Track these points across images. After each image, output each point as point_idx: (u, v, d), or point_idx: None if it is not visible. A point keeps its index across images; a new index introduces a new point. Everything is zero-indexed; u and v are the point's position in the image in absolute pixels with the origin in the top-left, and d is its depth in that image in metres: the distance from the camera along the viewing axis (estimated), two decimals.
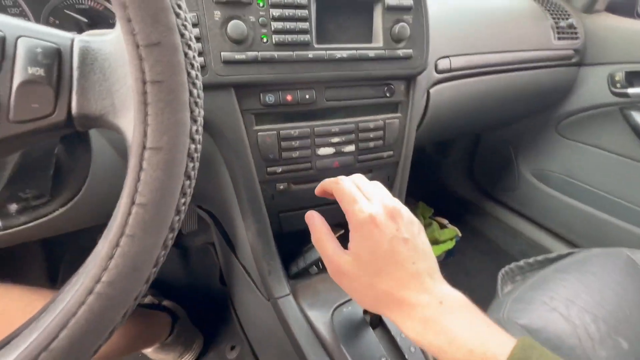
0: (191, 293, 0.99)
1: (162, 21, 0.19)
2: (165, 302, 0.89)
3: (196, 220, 1.06)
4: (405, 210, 0.33)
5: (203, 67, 0.41)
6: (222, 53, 0.41)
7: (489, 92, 0.75)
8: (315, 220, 0.37)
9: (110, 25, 0.48)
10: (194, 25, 0.40)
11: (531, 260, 0.78)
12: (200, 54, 0.41)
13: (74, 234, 1.04)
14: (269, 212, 0.53)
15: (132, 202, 0.20)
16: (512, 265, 0.77)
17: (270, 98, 0.46)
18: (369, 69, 0.49)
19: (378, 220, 0.31)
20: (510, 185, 1.18)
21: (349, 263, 0.32)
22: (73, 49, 0.21)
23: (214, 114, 0.44)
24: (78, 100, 0.21)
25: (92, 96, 0.21)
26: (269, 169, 0.50)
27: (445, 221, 1.17)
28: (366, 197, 0.34)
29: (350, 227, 0.33)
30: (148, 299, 0.87)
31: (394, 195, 0.64)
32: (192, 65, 0.21)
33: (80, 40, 0.21)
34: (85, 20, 0.48)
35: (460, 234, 1.13)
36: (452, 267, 1.14)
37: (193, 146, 0.22)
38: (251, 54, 0.42)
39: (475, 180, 1.34)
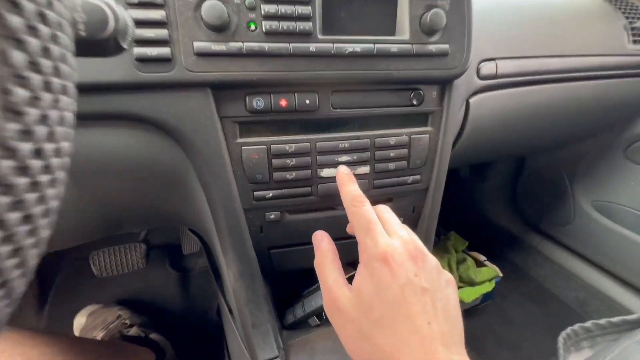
0: (185, 324, 0.89)
1: None
2: (153, 335, 0.79)
3: (198, 240, 0.97)
4: (431, 257, 0.29)
5: (169, 60, 0.32)
6: (194, 43, 0.32)
7: (544, 105, 0.60)
8: (323, 242, 0.33)
9: None
10: (159, 5, 0.31)
11: (603, 321, 0.60)
12: (165, 43, 0.31)
13: (69, 254, 0.98)
14: (256, 248, 0.42)
15: None
16: (577, 327, 0.60)
17: (258, 103, 0.36)
18: (391, 69, 0.37)
19: (391, 258, 0.27)
20: (564, 218, 0.99)
21: (348, 299, 0.27)
22: None
23: (184, 121, 0.34)
24: None
25: None
26: (256, 194, 0.39)
27: (482, 257, 0.99)
28: (386, 229, 0.29)
29: (360, 259, 0.29)
30: (133, 331, 0.78)
31: (421, 232, 0.51)
32: (17, 4, 0.11)
33: None
34: None
35: (500, 274, 0.95)
36: (490, 314, 0.95)
37: (8, 164, 0.11)
38: (234, 44, 0.32)
39: (519, 210, 1.15)
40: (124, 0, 0.30)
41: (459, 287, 0.90)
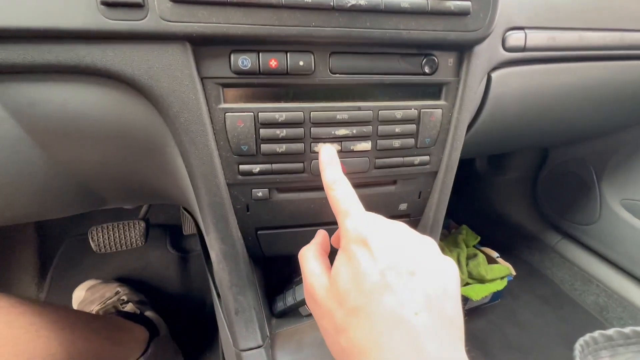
0: (181, 305, 0.87)
1: None
2: (148, 313, 0.77)
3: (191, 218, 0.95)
4: (427, 238, 0.25)
5: (141, 6, 0.27)
6: None
7: (580, 86, 0.53)
8: (318, 235, 0.32)
9: None
10: None
11: (627, 330, 0.54)
12: None
13: (71, 229, 0.98)
14: (242, 229, 0.38)
15: None
16: (597, 334, 0.54)
17: (244, 62, 0.31)
18: (401, 28, 0.32)
19: (372, 238, 0.23)
20: (588, 217, 0.92)
21: (325, 289, 0.25)
22: None
23: (158, 79, 0.30)
24: None
25: None
26: (241, 168, 0.35)
27: (495, 254, 0.94)
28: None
29: (340, 244, 0.26)
30: (129, 307, 0.76)
31: (426, 221, 0.46)
32: None
33: None
34: None
35: (513, 272, 0.89)
36: (499, 314, 0.90)
37: None
38: None
39: (537, 206, 1.08)
40: None
41: (467, 284, 0.85)
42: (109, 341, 0.62)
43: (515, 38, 0.44)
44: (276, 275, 0.51)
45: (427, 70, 0.35)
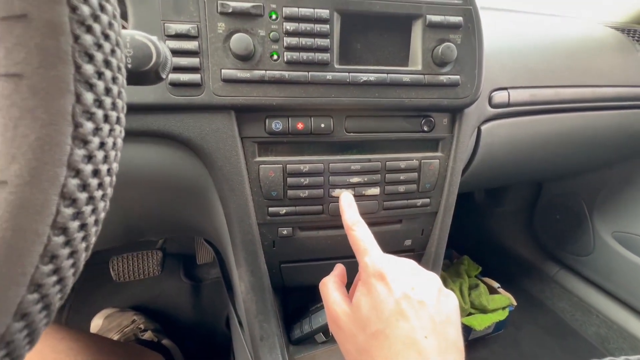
0: (194, 333, 0.90)
1: None
2: (165, 341, 0.81)
3: (212, 250, 0.99)
4: (432, 274, 0.30)
5: (199, 86, 0.35)
6: (222, 70, 0.35)
7: (558, 133, 0.61)
8: (336, 269, 0.36)
9: None
10: (193, 37, 0.34)
11: (632, 359, 0.57)
12: (196, 70, 0.35)
13: (89, 258, 1.03)
14: (268, 262, 0.44)
15: None
16: None
17: (277, 125, 0.38)
18: (403, 97, 0.39)
19: (388, 273, 0.28)
20: (583, 248, 0.96)
21: (347, 316, 0.29)
22: None
23: (208, 140, 0.37)
24: None
25: None
26: (270, 210, 0.41)
27: (496, 284, 0.97)
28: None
29: (360, 278, 0.30)
30: (148, 335, 0.80)
31: (429, 254, 0.51)
32: (91, 57, 0.14)
33: None
34: None
35: (514, 303, 0.92)
36: (502, 344, 0.92)
37: (75, 182, 0.14)
38: (257, 72, 0.36)
39: (536, 236, 1.13)
40: (163, 33, 0.34)
41: (470, 314, 0.88)
42: None
43: (500, 96, 0.52)
44: (293, 304, 0.55)
45: (425, 128, 0.43)
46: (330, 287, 0.32)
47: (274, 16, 0.35)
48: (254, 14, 0.35)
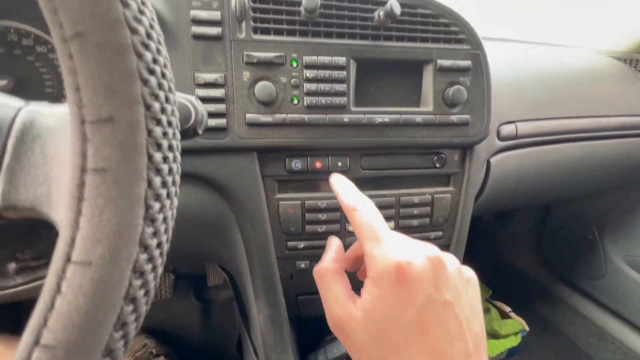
0: (206, 356, 0.90)
1: (121, 91, 0.14)
2: None
3: (223, 272, 1.00)
4: (449, 259, 0.25)
5: (224, 130, 0.37)
6: (246, 114, 0.37)
7: (565, 162, 0.62)
8: (331, 245, 0.31)
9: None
10: (220, 85, 0.37)
11: None
12: (222, 115, 0.37)
13: None
14: (285, 294, 0.45)
15: (36, 342, 0.14)
16: None
17: (296, 164, 0.40)
18: (416, 136, 0.41)
19: (407, 270, 0.23)
20: (595, 272, 0.96)
21: (357, 322, 0.24)
22: (15, 122, 0.17)
23: (232, 179, 0.39)
24: (3, 189, 0.16)
25: (23, 183, 0.17)
26: (289, 244, 0.43)
27: (507, 309, 0.96)
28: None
29: (368, 273, 0.25)
30: None
31: None
32: (159, 146, 0.16)
33: (29, 110, 0.17)
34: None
35: (527, 328, 0.91)
36: None
37: (144, 257, 0.15)
38: (279, 116, 0.38)
39: (546, 258, 1.12)
40: (193, 82, 0.36)
41: None
42: None
43: (508, 130, 0.54)
44: (308, 333, 0.56)
45: (437, 164, 0.44)
46: (330, 279, 0.27)
47: (294, 64, 0.38)
48: (277, 63, 0.37)
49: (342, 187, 0.31)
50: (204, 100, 0.36)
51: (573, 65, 0.68)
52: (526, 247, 1.16)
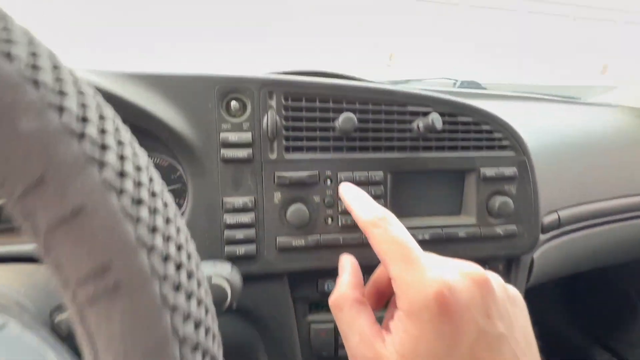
0: None
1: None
2: None
3: None
4: (494, 277, 0.21)
5: (253, 257, 0.34)
6: (278, 238, 0.35)
7: (609, 243, 0.58)
8: (345, 267, 0.26)
9: None
10: (249, 210, 0.34)
11: None
12: (252, 241, 0.34)
13: None
14: None
15: None
16: None
17: (329, 286, 0.37)
18: (459, 252, 0.38)
19: (452, 299, 0.18)
20: (637, 339, 0.89)
21: None
22: None
23: (261, 306, 0.36)
24: None
25: None
26: None
27: None
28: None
29: (398, 303, 0.20)
30: None
31: None
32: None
33: None
34: None
35: None
36: None
37: None
38: (312, 238, 0.35)
39: (578, 317, 1.05)
40: (222, 208, 0.34)
41: None
42: None
43: (550, 219, 0.50)
44: None
45: None
46: (350, 311, 0.22)
47: (328, 182, 0.35)
48: (310, 183, 0.35)
49: (355, 198, 0.26)
50: (232, 227, 0.34)
51: (610, 132, 0.64)
52: (556, 300, 1.09)
